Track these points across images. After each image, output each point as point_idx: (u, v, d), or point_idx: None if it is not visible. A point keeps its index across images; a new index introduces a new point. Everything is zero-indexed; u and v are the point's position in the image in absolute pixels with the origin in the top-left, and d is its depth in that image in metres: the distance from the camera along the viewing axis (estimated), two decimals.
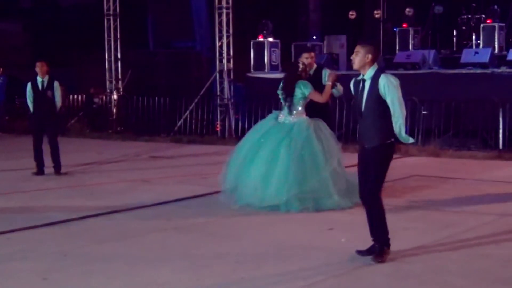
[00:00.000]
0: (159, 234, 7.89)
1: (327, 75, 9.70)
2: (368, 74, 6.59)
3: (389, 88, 6.47)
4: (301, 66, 9.34)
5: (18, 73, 23.20)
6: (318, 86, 9.56)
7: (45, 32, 33.52)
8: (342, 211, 8.79)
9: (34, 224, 8.27)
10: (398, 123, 6.48)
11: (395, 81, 6.51)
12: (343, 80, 16.41)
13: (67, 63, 28.24)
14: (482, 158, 13.50)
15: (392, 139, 6.55)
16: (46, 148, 12.23)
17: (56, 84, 12.21)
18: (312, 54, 9.97)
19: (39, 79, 12.17)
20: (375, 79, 6.53)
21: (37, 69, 12.15)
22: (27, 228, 8.15)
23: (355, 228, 7.53)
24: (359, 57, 6.63)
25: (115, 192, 10.58)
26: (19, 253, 7.09)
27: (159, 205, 9.44)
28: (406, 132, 6.58)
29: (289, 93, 9.18)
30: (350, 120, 15.46)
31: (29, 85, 12.28)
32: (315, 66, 9.99)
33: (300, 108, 9.24)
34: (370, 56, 6.58)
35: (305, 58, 9.78)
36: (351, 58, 6.78)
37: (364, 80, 6.62)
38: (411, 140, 6.60)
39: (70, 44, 30.98)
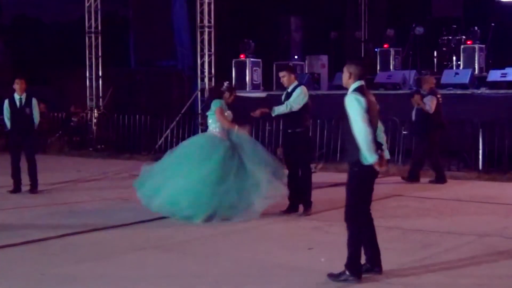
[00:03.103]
0: (138, 253, 7.82)
1: (298, 91, 9.90)
2: (349, 91, 6.62)
3: (349, 106, 6.46)
4: (224, 86, 10.04)
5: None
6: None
7: (26, 49, 33.45)
8: (322, 231, 8.77)
9: (11, 243, 8.17)
10: (359, 143, 6.40)
11: (356, 101, 6.43)
12: (325, 100, 16.54)
13: (48, 80, 28.15)
14: (462, 178, 13.56)
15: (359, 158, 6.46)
16: (23, 166, 12.14)
17: (34, 101, 12.13)
18: (283, 73, 10.08)
19: (16, 96, 12.09)
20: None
21: (16, 86, 12.07)
22: (4, 246, 8.05)
23: (335, 248, 7.49)
24: (344, 75, 6.71)
25: (95, 210, 10.51)
26: None
27: (138, 224, 9.38)
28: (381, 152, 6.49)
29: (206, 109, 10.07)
30: (331, 139, 15.50)
31: (6, 102, 12.21)
32: (296, 83, 10.06)
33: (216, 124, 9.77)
34: (350, 73, 6.61)
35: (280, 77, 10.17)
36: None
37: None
38: (372, 159, 6.38)
39: (51, 61, 30.92)
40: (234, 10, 22.55)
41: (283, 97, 10.14)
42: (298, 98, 9.82)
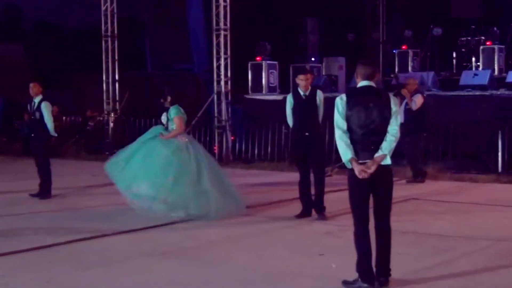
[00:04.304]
0: (146, 259, 7.71)
1: (320, 96, 9.68)
2: None
3: (335, 107, 6.31)
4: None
5: (18, 94, 23.11)
6: (312, 107, 9.60)
7: (45, 53, 33.59)
8: (335, 236, 8.62)
9: (19, 249, 8.08)
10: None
11: (336, 102, 6.27)
12: None
13: (67, 85, 28.19)
14: (481, 181, 13.32)
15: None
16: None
17: (44, 105, 11.99)
18: (308, 76, 9.82)
19: (33, 100, 12.13)
20: None
21: (30, 90, 12.10)
22: (11, 252, 7.95)
23: (347, 254, 7.31)
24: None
25: (106, 215, 10.41)
26: (0, 280, 6.90)
27: (148, 229, 9.26)
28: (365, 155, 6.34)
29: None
30: None
31: (28, 105, 12.35)
32: (309, 88, 9.84)
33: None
34: (356, 72, 6.46)
35: (300, 80, 9.75)
36: None
37: None
38: (346, 162, 6.31)
39: (70, 66, 31.02)
40: (250, 12, 22.47)
41: (291, 102, 9.83)
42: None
